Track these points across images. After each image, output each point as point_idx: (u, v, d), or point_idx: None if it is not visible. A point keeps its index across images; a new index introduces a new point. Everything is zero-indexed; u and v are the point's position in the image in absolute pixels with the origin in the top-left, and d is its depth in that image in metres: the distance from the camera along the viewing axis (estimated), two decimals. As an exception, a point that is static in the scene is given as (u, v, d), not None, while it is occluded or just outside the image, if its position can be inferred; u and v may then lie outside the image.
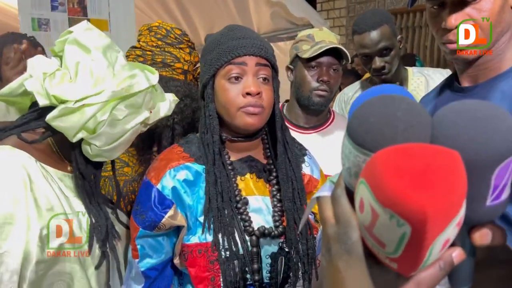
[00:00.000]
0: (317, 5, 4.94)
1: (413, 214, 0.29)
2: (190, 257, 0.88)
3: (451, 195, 0.30)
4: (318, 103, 1.37)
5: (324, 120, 1.46)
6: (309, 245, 0.91)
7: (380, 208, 0.31)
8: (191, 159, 0.92)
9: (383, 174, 0.30)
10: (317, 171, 1.03)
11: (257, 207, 0.92)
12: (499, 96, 0.84)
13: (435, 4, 0.86)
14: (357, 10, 4.90)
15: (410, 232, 0.30)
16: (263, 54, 0.89)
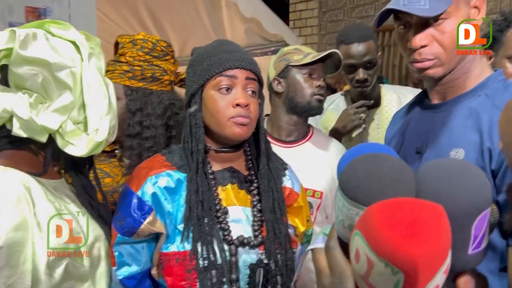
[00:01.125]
0: (290, 22, 5.05)
1: (405, 262, 0.32)
2: (167, 266, 0.87)
3: (438, 244, 0.33)
4: (318, 107, 1.41)
5: (304, 133, 1.48)
6: (288, 257, 0.92)
7: (375, 257, 0.34)
8: (173, 167, 0.93)
9: (377, 226, 0.34)
10: (298, 185, 1.05)
11: (237, 217, 0.92)
12: (466, 112, 0.88)
13: (401, 24, 0.89)
14: (328, 28, 5.04)
15: (404, 279, 0.33)
16: (252, 68, 0.93)
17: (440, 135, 0.90)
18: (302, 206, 1.04)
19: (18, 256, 0.72)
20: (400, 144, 1.02)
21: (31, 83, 0.78)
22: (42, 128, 0.79)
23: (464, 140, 0.85)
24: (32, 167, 0.83)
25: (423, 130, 0.95)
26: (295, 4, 5.18)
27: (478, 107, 0.86)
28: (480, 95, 0.88)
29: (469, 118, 0.86)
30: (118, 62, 1.25)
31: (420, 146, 0.94)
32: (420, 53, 0.87)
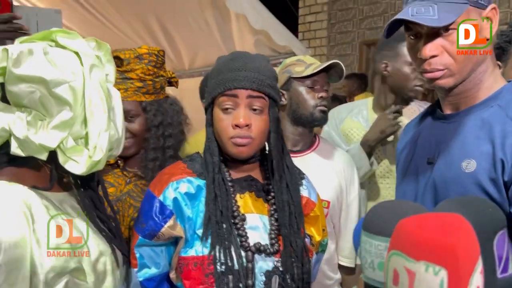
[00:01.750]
0: (299, 34, 5.08)
1: (446, 253, 0.35)
2: (186, 270, 0.89)
3: (470, 238, 0.36)
4: (322, 118, 1.41)
5: (311, 143, 1.48)
6: (304, 270, 0.93)
7: (415, 264, 0.36)
8: (194, 174, 0.96)
9: (412, 232, 0.37)
10: (314, 194, 1.06)
11: (254, 224, 0.94)
12: (479, 123, 0.86)
13: (411, 34, 0.89)
14: (338, 39, 5.06)
15: (447, 276, 0.35)
16: (254, 87, 0.92)
17: (452, 145, 0.89)
18: (319, 215, 1.04)
19: (16, 274, 0.71)
20: (411, 154, 1.00)
21: (28, 100, 0.77)
22: (40, 147, 0.78)
23: (476, 151, 0.84)
24: (38, 181, 0.83)
25: (434, 140, 0.94)
26: (304, 16, 5.22)
27: (491, 118, 0.85)
28: (493, 106, 0.87)
29: (481, 129, 0.85)
30: (129, 79, 1.26)
31: (432, 156, 0.93)
32: (430, 63, 0.86)
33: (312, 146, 1.48)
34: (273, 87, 0.96)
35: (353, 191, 1.46)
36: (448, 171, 0.87)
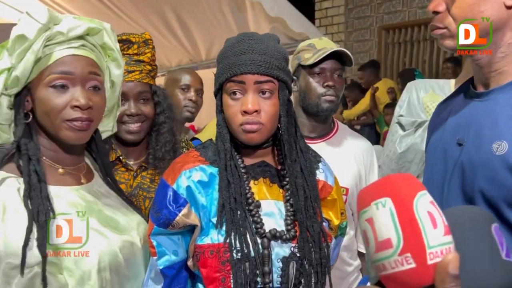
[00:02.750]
0: (316, 21, 5.01)
1: (385, 186, 0.41)
2: (202, 258, 0.89)
3: (405, 175, 0.43)
4: (327, 109, 1.37)
5: (329, 129, 1.46)
6: (322, 255, 0.92)
7: (368, 210, 0.42)
8: (207, 162, 0.95)
9: (360, 193, 0.45)
10: (331, 178, 1.04)
11: (269, 211, 0.93)
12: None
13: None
14: (355, 25, 4.97)
15: (392, 202, 0.40)
16: (261, 70, 0.88)
17: (483, 126, 0.83)
18: (336, 199, 1.02)
19: None
20: (441, 134, 0.96)
21: None
22: None
23: (508, 131, 0.78)
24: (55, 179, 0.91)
25: (465, 120, 0.89)
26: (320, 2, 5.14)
27: None
28: None
29: None
30: (142, 62, 1.28)
31: (462, 137, 0.87)
32: (435, 19, 0.85)
33: (330, 132, 1.46)
34: (282, 68, 0.92)
35: (372, 178, 1.44)
36: (477, 153, 0.82)
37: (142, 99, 1.28)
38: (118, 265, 0.89)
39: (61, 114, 0.87)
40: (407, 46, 4.78)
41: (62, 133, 0.88)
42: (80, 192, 0.93)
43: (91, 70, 0.90)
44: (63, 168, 0.94)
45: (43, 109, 0.88)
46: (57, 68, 0.87)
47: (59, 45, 0.88)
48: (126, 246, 0.93)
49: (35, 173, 0.84)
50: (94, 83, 0.91)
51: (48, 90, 0.87)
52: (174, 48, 3.99)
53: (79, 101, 0.87)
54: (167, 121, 1.34)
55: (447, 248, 0.39)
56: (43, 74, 0.87)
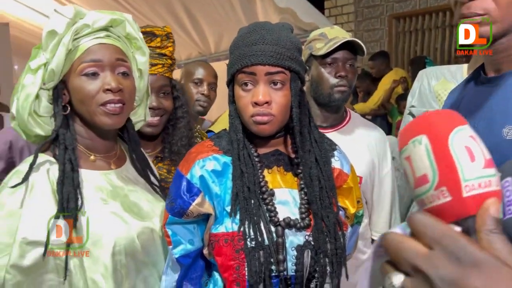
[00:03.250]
0: (325, 11, 4.96)
1: (421, 123, 0.42)
2: (217, 246, 0.90)
3: (443, 110, 0.43)
4: (339, 99, 1.37)
5: (341, 119, 1.46)
6: (337, 245, 0.91)
7: (406, 149, 0.43)
8: (220, 151, 0.95)
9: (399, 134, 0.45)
10: (347, 165, 1.03)
11: (283, 199, 0.93)
12: None
13: None
14: (365, 14, 4.91)
15: (428, 139, 0.41)
16: (273, 61, 0.88)
17: (493, 111, 0.82)
18: (352, 187, 1.02)
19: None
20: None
21: None
22: None
23: None
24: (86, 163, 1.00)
25: (477, 106, 0.87)
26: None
27: None
28: None
29: None
30: (164, 56, 1.30)
31: (473, 123, 0.85)
32: (469, 6, 0.78)
33: (343, 122, 1.45)
34: (294, 59, 0.91)
35: (385, 167, 1.44)
36: (487, 138, 0.79)
37: (162, 93, 1.29)
38: (135, 250, 0.92)
39: (95, 99, 0.93)
40: (418, 34, 4.71)
41: (97, 119, 0.94)
42: (108, 177, 0.99)
43: (118, 57, 0.97)
44: (95, 155, 1.00)
45: (78, 97, 0.94)
46: (86, 57, 0.94)
47: (86, 37, 0.95)
48: (145, 232, 0.96)
49: (70, 162, 0.91)
50: (123, 69, 0.97)
51: (81, 78, 0.93)
52: (183, 41, 4.00)
53: (110, 84, 0.93)
54: (185, 115, 1.36)
55: (487, 181, 0.39)
56: (75, 65, 0.94)
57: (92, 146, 1.00)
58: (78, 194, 0.89)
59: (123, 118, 0.98)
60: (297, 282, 0.89)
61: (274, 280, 0.88)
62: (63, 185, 0.87)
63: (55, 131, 0.93)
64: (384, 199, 1.43)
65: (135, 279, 0.93)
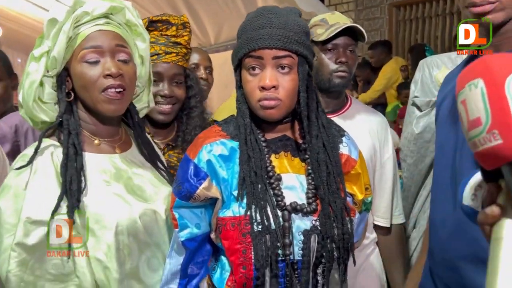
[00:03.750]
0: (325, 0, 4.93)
1: (479, 67, 0.42)
2: (224, 230, 0.91)
3: (501, 54, 0.42)
4: (339, 85, 1.37)
5: (342, 104, 1.46)
6: (344, 230, 0.91)
7: (462, 92, 0.43)
8: (228, 136, 0.96)
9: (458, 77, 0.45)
10: (356, 151, 1.02)
11: (290, 184, 0.93)
12: None
13: None
14: (365, 3, 4.89)
15: (484, 83, 0.41)
16: (280, 45, 0.87)
17: None
18: (360, 173, 1.01)
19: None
20: (451, 104, 0.94)
21: None
22: None
23: None
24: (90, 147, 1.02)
25: None
26: (329, -20, 5.05)
27: None
28: None
29: None
30: (179, 45, 1.29)
31: None
32: None
33: (344, 107, 1.46)
34: (302, 43, 0.90)
35: (386, 152, 1.45)
36: None
37: (175, 82, 1.29)
38: (137, 231, 0.94)
39: (96, 85, 0.95)
40: (419, 22, 4.69)
41: (100, 105, 0.96)
42: (112, 160, 1.01)
43: (118, 43, 0.98)
44: (99, 140, 1.02)
45: (80, 83, 0.96)
46: (87, 43, 0.95)
47: (86, 24, 0.96)
48: (148, 213, 0.97)
49: (73, 146, 0.93)
50: (123, 55, 0.98)
51: (82, 65, 0.95)
52: (183, 33, 3.99)
53: (110, 70, 0.94)
54: (198, 105, 1.36)
55: None
56: (76, 52, 0.95)
57: (96, 131, 1.02)
58: (81, 176, 0.91)
59: (124, 104, 0.99)
60: (304, 267, 0.90)
61: (280, 265, 0.89)
62: (67, 168, 0.90)
63: (59, 117, 0.95)
64: (386, 184, 1.44)
65: (138, 260, 0.95)
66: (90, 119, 1.01)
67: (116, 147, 1.03)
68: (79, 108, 1.00)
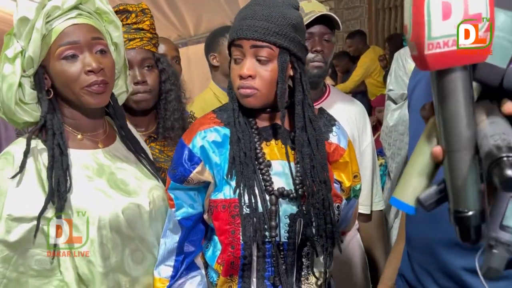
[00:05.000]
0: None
1: None
2: (215, 211, 0.96)
3: None
4: (315, 75, 1.37)
5: (320, 94, 1.47)
6: (327, 220, 0.96)
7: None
8: (222, 123, 1.00)
9: None
10: (345, 141, 1.06)
11: (279, 170, 0.97)
12: None
13: None
14: (345, -9, 4.89)
15: None
16: (257, 36, 0.90)
17: None
18: (348, 161, 1.05)
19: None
20: (424, 91, 0.95)
21: None
22: None
23: None
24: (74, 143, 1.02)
25: None
26: (308, -31, 5.04)
27: None
28: None
29: None
30: (142, 30, 1.29)
31: None
32: None
33: (322, 96, 1.47)
34: (283, 35, 0.91)
35: (365, 140, 1.47)
36: None
37: (146, 66, 1.28)
38: (119, 225, 0.95)
39: (78, 81, 0.94)
40: (398, 11, 4.73)
41: (83, 99, 0.95)
42: (95, 156, 1.00)
43: (94, 36, 0.97)
44: (82, 134, 1.01)
45: (61, 81, 0.95)
46: (63, 40, 0.93)
47: (58, 19, 0.94)
48: (131, 207, 0.98)
49: (58, 147, 0.92)
50: (100, 47, 0.97)
51: (61, 62, 0.93)
52: (161, 24, 3.93)
53: (91, 65, 0.93)
54: (173, 88, 1.35)
55: (453, 40, 0.40)
56: (52, 49, 0.93)
57: (78, 125, 1.01)
58: (67, 176, 0.91)
59: (107, 96, 0.99)
60: (290, 249, 0.95)
61: (267, 246, 0.94)
62: (53, 170, 0.89)
63: (42, 117, 0.94)
64: (365, 172, 1.47)
65: (122, 253, 0.96)
66: (72, 114, 1.00)
67: (99, 142, 1.03)
68: (60, 104, 0.99)
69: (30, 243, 0.87)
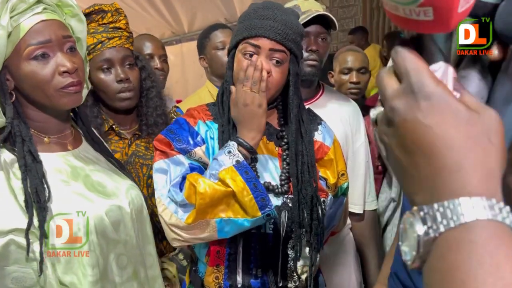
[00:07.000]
0: (299, -12, 4.92)
1: None
2: None
3: None
4: (309, 73, 1.37)
5: (314, 92, 1.47)
6: (313, 217, 0.97)
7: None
8: (211, 117, 1.02)
9: None
10: (330, 139, 1.09)
11: (265, 165, 0.99)
12: None
13: None
14: (340, -10, 4.89)
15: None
16: (278, 38, 0.93)
17: None
18: (333, 159, 1.07)
19: None
20: None
21: None
22: None
23: None
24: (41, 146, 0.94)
25: None
26: (303, -33, 5.03)
27: None
28: None
29: None
30: (119, 29, 1.28)
31: None
32: None
33: (316, 95, 1.47)
34: (296, 43, 0.97)
35: (359, 139, 1.47)
36: None
37: (127, 64, 1.28)
38: (104, 228, 0.90)
39: (52, 83, 0.88)
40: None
41: (59, 101, 0.89)
42: (66, 158, 0.94)
43: (64, 34, 0.90)
44: (49, 137, 0.95)
45: (30, 83, 0.88)
46: (32, 39, 0.86)
47: (23, 14, 0.86)
48: (113, 209, 0.93)
49: (30, 154, 0.86)
50: (70, 44, 0.91)
51: (31, 63, 0.86)
52: (155, 21, 3.91)
53: (66, 66, 0.87)
54: (154, 84, 1.36)
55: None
56: (20, 48, 0.85)
57: (44, 128, 0.94)
58: (45, 184, 0.85)
59: (81, 95, 0.94)
60: (275, 240, 0.97)
61: (252, 237, 0.95)
62: (28, 180, 0.83)
63: (9, 123, 0.87)
64: (359, 171, 1.47)
65: (107, 259, 0.91)
66: (38, 116, 0.93)
67: (67, 144, 0.97)
68: (24, 106, 0.91)
69: (5, 259, 0.80)
